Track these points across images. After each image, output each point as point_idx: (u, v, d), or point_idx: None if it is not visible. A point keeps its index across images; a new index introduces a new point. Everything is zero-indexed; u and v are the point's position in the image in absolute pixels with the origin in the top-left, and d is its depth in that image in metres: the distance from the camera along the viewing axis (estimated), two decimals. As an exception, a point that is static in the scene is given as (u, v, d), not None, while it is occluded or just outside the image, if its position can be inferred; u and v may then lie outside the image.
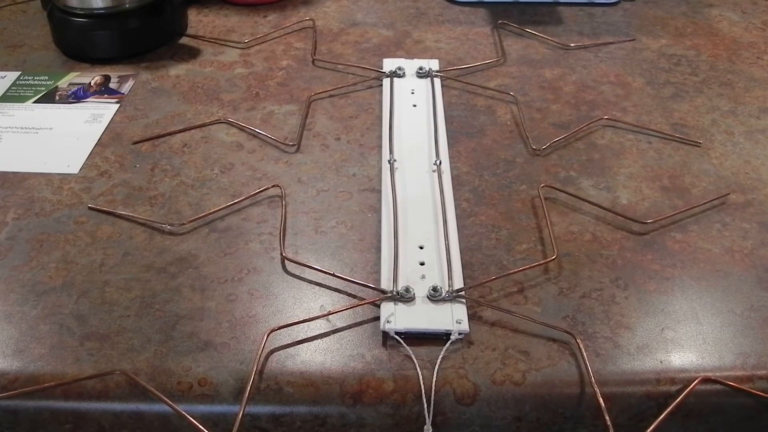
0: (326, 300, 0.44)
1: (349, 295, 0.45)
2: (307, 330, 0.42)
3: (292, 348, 0.41)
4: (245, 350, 0.41)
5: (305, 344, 0.41)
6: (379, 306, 0.43)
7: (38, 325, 0.42)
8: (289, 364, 0.40)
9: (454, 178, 0.54)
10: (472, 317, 0.43)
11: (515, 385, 0.39)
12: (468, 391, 0.39)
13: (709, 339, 0.42)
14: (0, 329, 0.42)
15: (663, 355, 0.41)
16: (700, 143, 0.57)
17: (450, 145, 0.57)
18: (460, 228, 0.49)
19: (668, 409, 0.39)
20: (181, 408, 0.38)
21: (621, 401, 0.39)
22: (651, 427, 0.38)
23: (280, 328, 0.42)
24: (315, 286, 0.45)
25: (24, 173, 0.54)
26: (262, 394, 0.39)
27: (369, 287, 0.44)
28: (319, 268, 0.46)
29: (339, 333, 0.42)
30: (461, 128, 0.59)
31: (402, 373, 0.40)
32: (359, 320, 0.43)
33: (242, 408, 0.38)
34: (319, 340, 0.42)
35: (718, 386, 0.40)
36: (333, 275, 0.45)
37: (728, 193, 0.52)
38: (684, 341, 0.42)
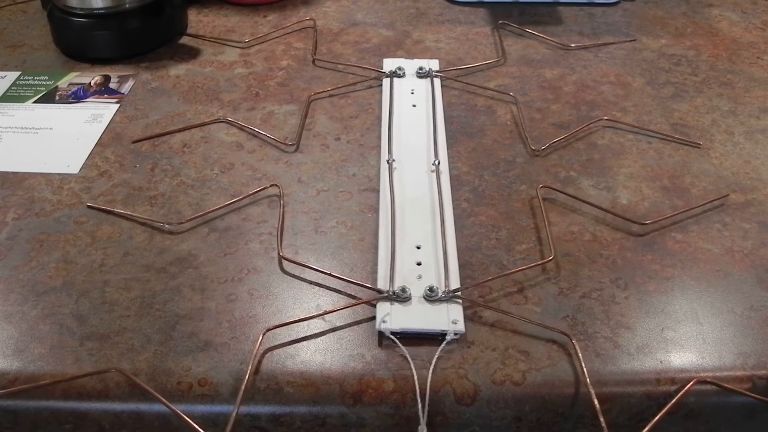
0: (326, 300, 0.44)
1: (349, 295, 0.45)
2: (307, 329, 0.42)
3: (291, 348, 0.41)
4: (245, 350, 0.41)
5: (305, 344, 0.41)
6: (375, 306, 0.43)
7: (38, 325, 0.42)
8: (289, 364, 0.40)
9: (454, 178, 0.54)
10: (472, 317, 0.43)
11: (515, 385, 0.39)
12: (468, 391, 0.39)
13: (709, 339, 0.42)
14: (0, 329, 0.42)
15: (663, 355, 0.41)
16: (700, 144, 0.57)
17: (450, 145, 0.57)
18: (460, 228, 0.49)
19: (663, 411, 0.38)
20: (181, 408, 0.38)
21: (621, 401, 0.39)
22: (646, 429, 0.38)
23: (275, 327, 0.42)
24: (315, 286, 0.45)
25: (24, 173, 0.54)
26: (262, 394, 0.39)
27: (365, 287, 0.44)
28: (316, 267, 0.46)
29: (339, 333, 0.42)
30: (461, 128, 0.59)
31: (402, 373, 0.40)
32: (360, 320, 0.43)
33: (237, 406, 0.38)
34: (319, 340, 0.42)
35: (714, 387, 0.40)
36: (330, 275, 0.45)
37: (727, 194, 0.52)
38: (684, 341, 0.42)
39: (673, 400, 0.39)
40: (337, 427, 0.39)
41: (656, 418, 0.38)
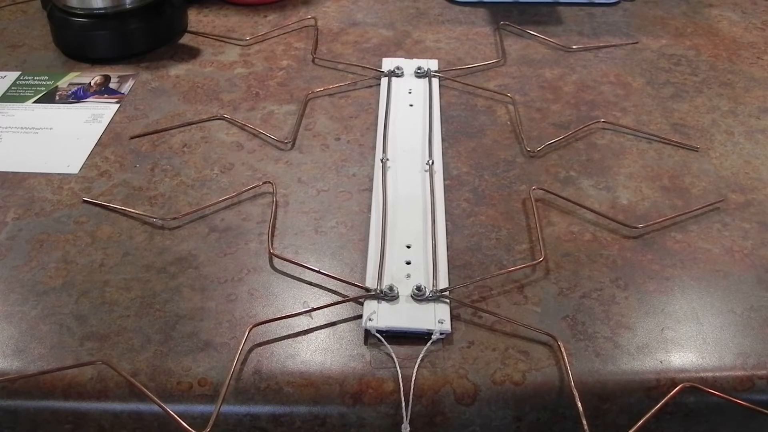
0: (326, 300, 0.44)
1: (344, 294, 0.44)
2: (298, 327, 0.42)
3: (292, 348, 0.41)
4: (245, 350, 0.41)
5: (298, 342, 0.41)
6: (362, 304, 0.43)
7: (38, 325, 0.42)
8: (289, 364, 0.40)
9: (455, 178, 0.54)
10: (472, 318, 0.43)
11: (515, 385, 0.39)
12: (468, 391, 0.39)
13: (709, 339, 0.42)
14: (0, 329, 0.42)
15: (663, 355, 0.41)
16: (698, 148, 0.57)
17: (450, 145, 0.57)
18: (460, 228, 0.49)
19: (647, 416, 0.38)
20: (181, 408, 0.38)
21: (621, 401, 0.39)
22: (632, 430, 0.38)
23: (261, 323, 0.42)
24: (314, 287, 0.45)
25: (24, 173, 0.54)
26: (262, 394, 0.39)
27: (355, 285, 0.44)
28: (305, 264, 0.46)
29: (339, 333, 0.42)
30: (461, 128, 0.59)
31: (402, 373, 0.40)
32: (359, 320, 0.43)
33: (220, 399, 0.38)
34: (315, 339, 0.42)
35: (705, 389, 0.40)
36: (318, 272, 0.45)
37: (722, 200, 0.52)
38: (684, 341, 0.42)
39: (658, 405, 0.39)
40: (337, 427, 0.39)
41: (640, 423, 0.38)
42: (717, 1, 0.80)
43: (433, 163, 0.54)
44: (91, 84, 0.65)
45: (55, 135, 0.59)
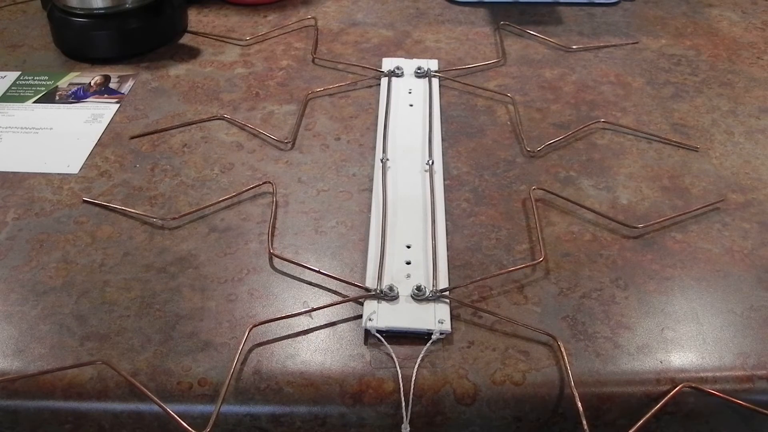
0: (326, 300, 0.44)
1: (344, 294, 0.44)
2: (298, 327, 0.42)
3: (292, 348, 0.41)
4: (245, 350, 0.41)
5: (298, 342, 0.41)
6: (362, 304, 0.43)
7: (38, 325, 0.42)
8: (289, 364, 0.40)
9: (455, 178, 0.54)
10: (472, 318, 0.43)
11: (515, 385, 0.39)
12: (468, 391, 0.39)
13: (709, 339, 0.42)
14: (0, 329, 0.42)
15: (663, 355, 0.41)
16: (698, 148, 0.57)
17: (450, 145, 0.57)
18: (460, 228, 0.49)
19: (647, 416, 0.38)
20: (181, 408, 0.38)
21: (621, 401, 0.39)
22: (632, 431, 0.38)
23: (262, 323, 0.42)
24: (314, 287, 0.45)
25: (24, 173, 0.55)
26: (262, 394, 0.39)
27: (355, 285, 0.44)
28: (305, 265, 0.46)
29: (339, 332, 0.42)
30: (461, 128, 0.59)
31: (402, 373, 0.40)
32: (359, 320, 0.43)
33: (220, 399, 0.38)
34: (315, 339, 0.42)
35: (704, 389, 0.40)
36: (318, 272, 0.45)
37: (722, 200, 0.52)
38: (684, 341, 0.42)
39: (658, 405, 0.39)
40: (337, 427, 0.39)
41: (640, 423, 0.38)
42: (717, 1, 0.80)
43: (433, 163, 0.54)
44: (91, 84, 0.65)
45: (55, 135, 0.59)
